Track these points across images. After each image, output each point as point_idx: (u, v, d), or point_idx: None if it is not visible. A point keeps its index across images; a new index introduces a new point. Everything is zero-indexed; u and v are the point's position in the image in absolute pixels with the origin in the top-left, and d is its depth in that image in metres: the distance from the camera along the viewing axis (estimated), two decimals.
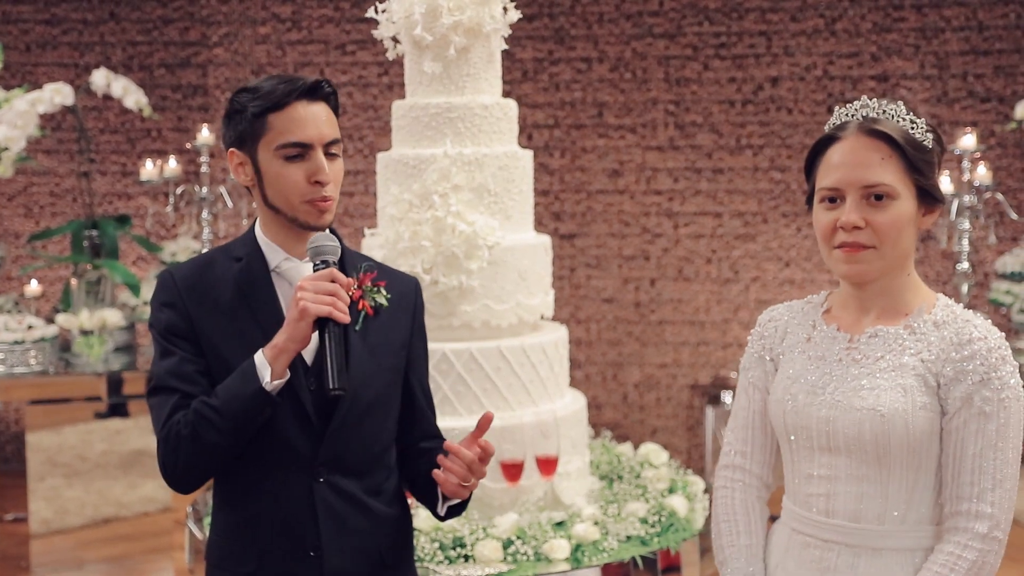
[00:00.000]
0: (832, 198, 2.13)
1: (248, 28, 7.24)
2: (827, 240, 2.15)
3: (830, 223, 2.13)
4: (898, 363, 2.12)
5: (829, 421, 2.14)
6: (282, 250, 2.31)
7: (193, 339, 2.25)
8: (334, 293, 2.14)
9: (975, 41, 6.66)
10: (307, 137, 2.22)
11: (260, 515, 2.28)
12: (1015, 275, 5.97)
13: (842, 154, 2.13)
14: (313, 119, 2.23)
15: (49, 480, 5.86)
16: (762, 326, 2.34)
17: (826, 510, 2.16)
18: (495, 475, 3.80)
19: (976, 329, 2.10)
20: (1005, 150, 6.67)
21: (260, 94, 2.23)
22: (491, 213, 3.95)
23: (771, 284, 6.88)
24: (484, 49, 4.01)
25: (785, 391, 2.22)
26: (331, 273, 2.17)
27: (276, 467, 2.26)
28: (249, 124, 2.25)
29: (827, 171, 2.15)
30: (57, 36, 7.29)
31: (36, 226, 7.31)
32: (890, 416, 2.08)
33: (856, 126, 2.13)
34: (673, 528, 3.89)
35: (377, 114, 7.15)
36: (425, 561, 3.55)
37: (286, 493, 2.26)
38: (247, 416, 2.17)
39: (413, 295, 2.44)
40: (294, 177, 2.23)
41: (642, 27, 6.94)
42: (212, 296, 2.27)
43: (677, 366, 7.03)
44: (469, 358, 3.86)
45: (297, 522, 2.26)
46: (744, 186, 6.90)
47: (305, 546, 2.27)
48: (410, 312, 2.41)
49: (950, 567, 2.05)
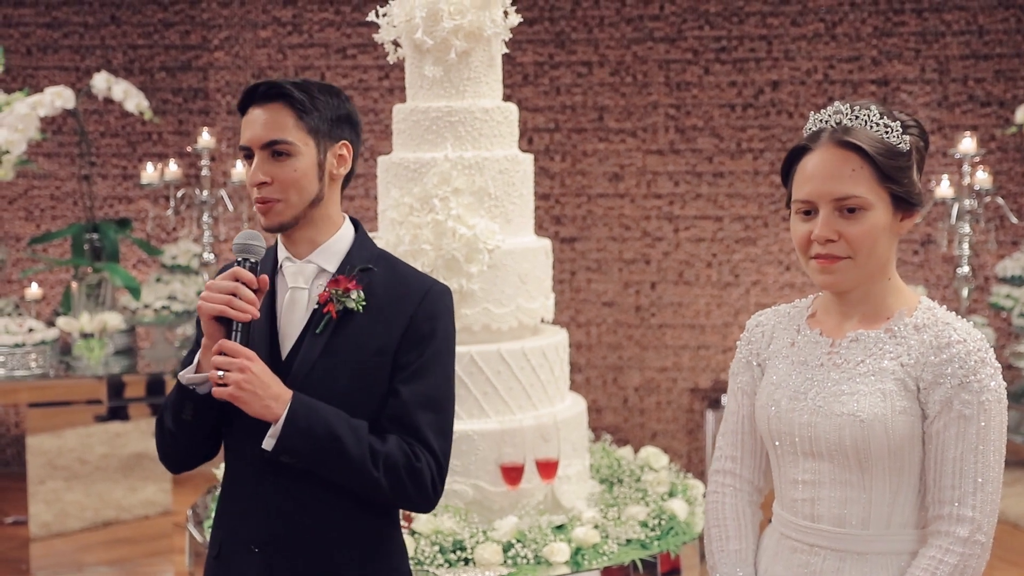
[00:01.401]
0: (807, 210, 2.13)
1: (249, 32, 7.24)
2: (803, 251, 2.16)
3: (805, 235, 2.13)
4: (878, 367, 2.12)
5: (811, 427, 2.14)
6: (285, 249, 2.37)
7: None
8: (232, 291, 2.20)
9: (975, 45, 6.67)
10: (246, 140, 2.30)
11: (226, 505, 2.39)
12: (1015, 279, 5.97)
13: (814, 166, 2.11)
14: (254, 122, 2.28)
15: (49, 483, 5.86)
16: (750, 331, 2.35)
17: (811, 515, 2.16)
18: (495, 478, 3.80)
19: (956, 332, 2.09)
20: (1006, 154, 6.67)
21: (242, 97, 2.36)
22: (491, 217, 3.95)
23: (771, 288, 6.88)
24: (485, 53, 4.01)
25: (768, 397, 2.22)
26: (234, 272, 2.23)
27: (237, 460, 2.36)
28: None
29: (801, 183, 2.14)
30: (58, 40, 7.30)
31: (37, 229, 7.31)
32: (869, 421, 2.07)
33: (828, 136, 2.11)
34: (673, 532, 3.89)
35: (378, 118, 7.15)
36: (424, 564, 3.55)
37: (241, 486, 2.35)
38: (176, 408, 2.29)
39: (417, 301, 2.33)
40: (247, 177, 2.31)
41: (643, 31, 6.95)
42: None
43: (677, 370, 7.04)
44: (469, 361, 3.87)
45: (249, 516, 2.32)
46: (745, 190, 6.90)
47: (251, 541, 2.31)
48: (403, 317, 2.31)
49: (931, 571, 2.05)
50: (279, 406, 2.21)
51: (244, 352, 2.19)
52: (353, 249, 2.35)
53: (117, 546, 5.83)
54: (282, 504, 2.29)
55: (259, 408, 2.20)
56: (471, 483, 3.80)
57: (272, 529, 2.29)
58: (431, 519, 3.66)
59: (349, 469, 2.24)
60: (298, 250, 2.34)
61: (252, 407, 2.20)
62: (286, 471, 2.28)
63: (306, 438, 2.21)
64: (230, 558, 2.35)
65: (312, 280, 2.33)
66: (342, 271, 2.33)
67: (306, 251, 2.34)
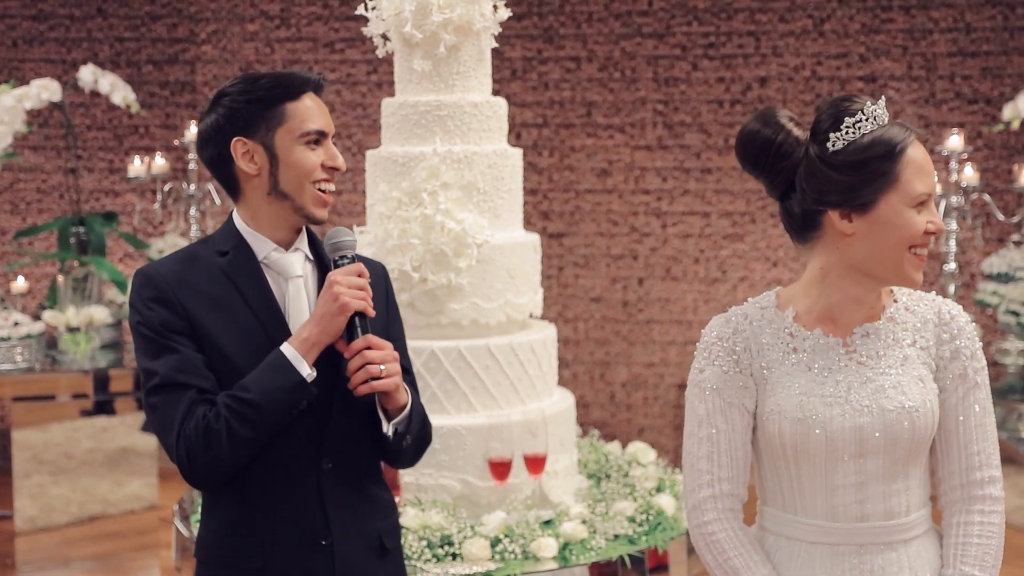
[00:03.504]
0: (919, 203, 2.10)
1: (236, 25, 7.22)
2: (913, 246, 2.11)
3: (924, 227, 2.10)
4: (903, 356, 2.15)
5: (860, 429, 2.10)
6: (271, 241, 2.33)
7: (191, 334, 2.24)
8: (364, 287, 2.25)
9: (962, 43, 6.69)
10: (325, 126, 2.32)
11: (267, 508, 2.28)
12: (1002, 276, 6.00)
13: (923, 159, 2.10)
14: (324, 111, 2.33)
15: (35, 477, 5.84)
16: (726, 341, 2.19)
17: (859, 515, 2.13)
18: (483, 473, 3.80)
19: (944, 304, 2.20)
20: (992, 151, 6.69)
21: (276, 83, 2.30)
22: (480, 211, 3.95)
23: (759, 284, 6.89)
24: (474, 47, 4.01)
25: (797, 408, 2.12)
26: (358, 267, 2.27)
27: (282, 458, 2.28)
28: (262, 111, 2.28)
29: (917, 175, 2.09)
30: (44, 32, 7.27)
31: (23, 223, 7.28)
32: (922, 410, 2.11)
33: (910, 132, 2.11)
34: (661, 527, 3.89)
35: (366, 112, 7.14)
36: (413, 559, 3.54)
37: (293, 484, 2.28)
38: (287, 409, 2.22)
39: (384, 278, 2.48)
40: (313, 162, 2.29)
41: (631, 27, 6.95)
42: (204, 290, 2.27)
43: (665, 365, 7.04)
44: (458, 356, 3.86)
45: (306, 512, 2.28)
46: (732, 186, 6.91)
47: (315, 535, 2.28)
48: (382, 296, 2.43)
49: (987, 536, 2.14)
50: (403, 393, 2.32)
51: (387, 344, 2.27)
52: (312, 235, 2.41)
53: (103, 540, 5.82)
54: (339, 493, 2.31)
55: (399, 395, 2.30)
56: (459, 478, 3.80)
57: (335, 518, 2.30)
58: (419, 514, 3.66)
59: (418, 443, 2.42)
60: (286, 240, 2.34)
61: (397, 395, 2.30)
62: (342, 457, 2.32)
63: (416, 420, 2.37)
64: (287, 559, 2.28)
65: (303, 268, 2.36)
66: (318, 256, 2.38)
67: (293, 240, 2.35)
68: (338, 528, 2.30)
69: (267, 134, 2.28)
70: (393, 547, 2.41)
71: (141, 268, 2.33)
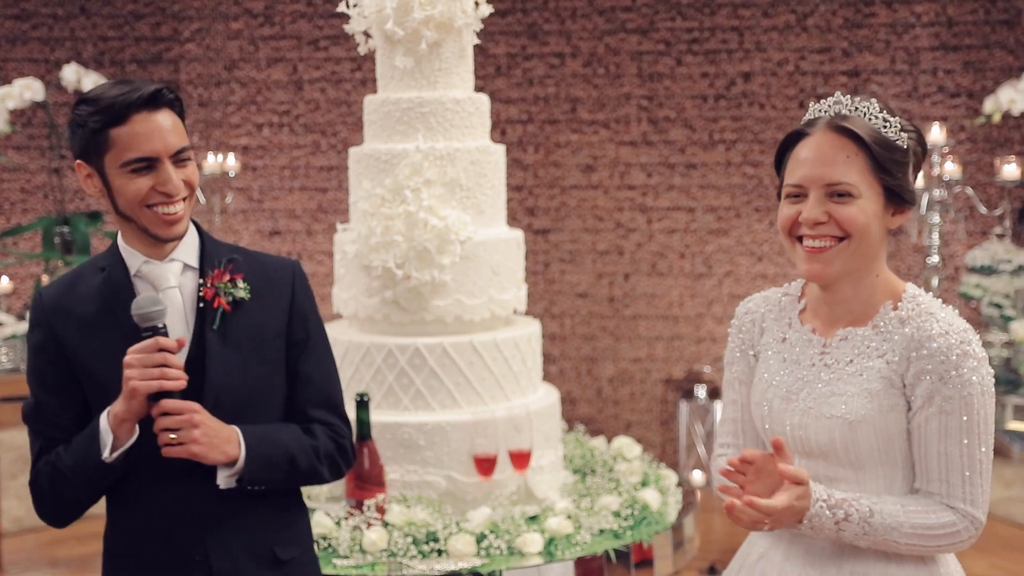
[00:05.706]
0: (796, 194, 2.11)
1: (220, 23, 7.21)
2: (789, 234, 2.13)
3: (792, 216, 2.11)
4: (865, 366, 2.10)
5: (801, 428, 2.13)
6: (141, 254, 2.28)
7: (61, 362, 2.25)
8: (162, 363, 2.14)
9: (945, 37, 6.71)
10: (153, 151, 2.19)
11: (145, 524, 2.30)
12: (985, 269, 6.02)
13: (808, 151, 2.10)
14: (157, 131, 2.19)
15: (21, 478, 5.82)
16: (739, 319, 2.31)
17: None
18: (468, 469, 3.81)
19: (938, 324, 2.07)
20: (975, 145, 6.72)
21: (100, 107, 2.18)
22: (463, 208, 3.95)
23: (744, 278, 6.91)
24: (456, 44, 4.01)
25: (761, 395, 2.21)
26: (155, 343, 2.15)
27: (155, 476, 2.26)
28: (92, 138, 2.20)
29: (794, 167, 2.12)
30: (27, 31, 7.24)
31: (7, 223, 7.26)
32: (858, 423, 2.07)
33: (825, 123, 2.10)
34: (646, 521, 3.90)
35: (350, 109, 7.13)
36: (398, 556, 3.55)
37: (166, 501, 2.27)
38: (95, 482, 2.23)
39: (290, 279, 2.37)
40: (141, 189, 2.20)
41: (615, 22, 6.95)
42: (78, 314, 2.26)
43: (651, 360, 7.06)
44: (442, 353, 3.87)
45: (180, 528, 2.27)
46: (717, 181, 6.93)
47: (191, 551, 2.28)
48: (285, 297, 2.35)
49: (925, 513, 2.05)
50: (233, 447, 2.23)
51: (188, 406, 2.18)
52: (206, 242, 2.34)
53: (90, 541, 5.80)
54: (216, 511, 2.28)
55: (217, 456, 2.21)
56: (444, 474, 3.80)
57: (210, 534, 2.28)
58: (404, 510, 3.66)
59: (301, 476, 2.34)
60: (158, 252, 2.28)
61: (211, 457, 2.20)
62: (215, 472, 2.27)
63: (264, 468, 2.27)
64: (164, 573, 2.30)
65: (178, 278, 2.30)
66: (207, 264, 2.30)
67: (167, 251, 2.29)
68: (215, 543, 2.28)
69: (98, 160, 2.22)
70: (290, 557, 2.36)
71: (37, 290, 2.33)
